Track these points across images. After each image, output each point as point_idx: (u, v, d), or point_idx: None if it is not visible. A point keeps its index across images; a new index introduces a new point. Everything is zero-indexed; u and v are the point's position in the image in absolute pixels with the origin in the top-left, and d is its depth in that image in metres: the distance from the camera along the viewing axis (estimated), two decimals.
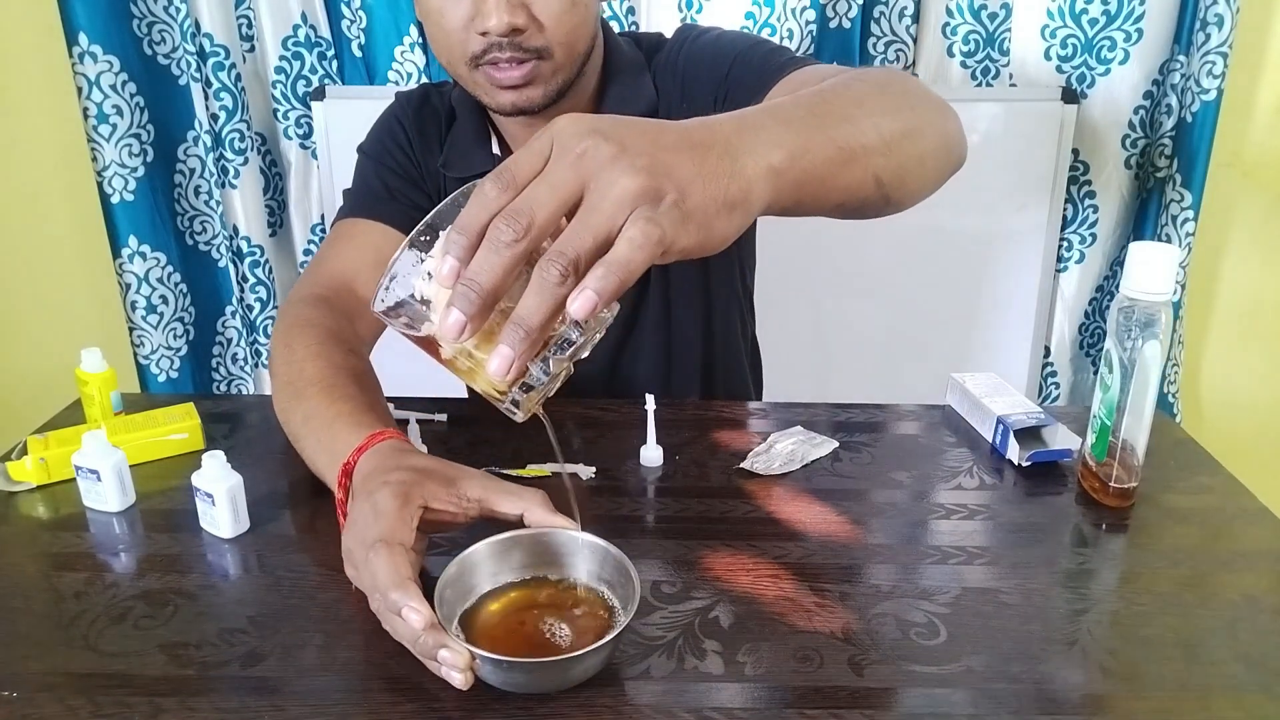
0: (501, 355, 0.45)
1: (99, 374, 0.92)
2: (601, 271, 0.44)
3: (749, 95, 0.87)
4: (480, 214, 0.46)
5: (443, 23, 0.85)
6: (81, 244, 1.75)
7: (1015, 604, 0.66)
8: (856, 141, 0.58)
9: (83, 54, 1.52)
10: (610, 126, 0.47)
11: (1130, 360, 0.73)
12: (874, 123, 0.60)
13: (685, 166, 0.47)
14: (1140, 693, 0.58)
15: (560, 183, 0.46)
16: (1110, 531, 0.76)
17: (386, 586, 0.57)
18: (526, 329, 0.45)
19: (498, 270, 0.45)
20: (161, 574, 0.71)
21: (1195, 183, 1.55)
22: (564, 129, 0.47)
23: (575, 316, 0.44)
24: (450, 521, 0.66)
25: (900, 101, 0.65)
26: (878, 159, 0.59)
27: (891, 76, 0.70)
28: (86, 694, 0.59)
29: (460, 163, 1.00)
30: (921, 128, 0.65)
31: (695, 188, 0.47)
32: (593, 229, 0.45)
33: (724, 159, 0.49)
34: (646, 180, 0.45)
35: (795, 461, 0.85)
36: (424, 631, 0.55)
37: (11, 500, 0.82)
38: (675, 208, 0.46)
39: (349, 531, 0.64)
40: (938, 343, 1.71)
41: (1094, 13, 1.52)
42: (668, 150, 0.47)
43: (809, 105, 0.58)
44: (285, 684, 0.59)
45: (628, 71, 0.97)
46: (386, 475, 0.65)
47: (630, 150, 0.46)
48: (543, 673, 0.57)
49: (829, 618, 0.65)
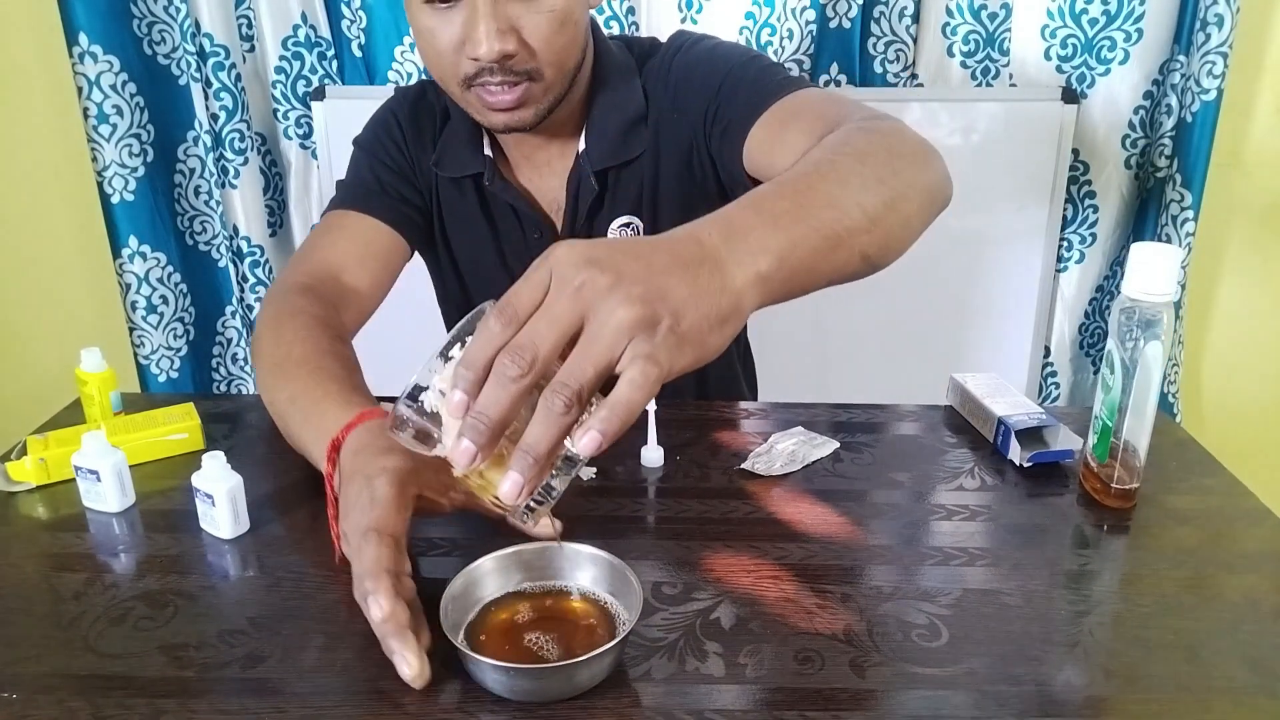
0: (512, 481, 0.48)
1: (99, 374, 0.92)
2: (605, 414, 0.47)
3: (741, 115, 0.87)
4: (486, 349, 0.48)
5: (434, 44, 0.85)
6: (81, 244, 1.75)
7: (1017, 605, 0.66)
8: (842, 226, 0.58)
9: (83, 54, 1.52)
10: (606, 255, 0.49)
11: (1132, 361, 0.73)
12: (857, 202, 0.60)
13: (678, 289, 0.49)
14: (1141, 694, 0.58)
15: (560, 316, 0.47)
16: (1112, 533, 0.76)
17: (363, 575, 0.60)
18: (535, 456, 0.47)
19: (505, 404, 0.47)
20: (161, 575, 0.71)
21: (1195, 183, 1.55)
22: (561, 259, 0.49)
23: (581, 455, 0.47)
24: (435, 509, 0.70)
25: (883, 169, 0.64)
26: (863, 238, 0.59)
27: (874, 137, 0.69)
28: (86, 695, 0.59)
29: (452, 163, 1.00)
30: (905, 193, 0.64)
31: (689, 309, 0.49)
32: (593, 359, 0.47)
33: (714, 275, 0.51)
34: (642, 309, 0.47)
35: (796, 462, 0.85)
36: (382, 623, 0.58)
37: (11, 500, 0.82)
38: (670, 333, 0.48)
39: (344, 514, 0.66)
40: (938, 343, 1.71)
41: (1094, 13, 1.52)
42: (660, 274, 0.49)
43: (793, 194, 0.58)
44: (285, 685, 0.59)
45: (617, 78, 0.97)
46: (383, 460, 0.66)
47: (625, 278, 0.48)
48: (549, 679, 0.57)
49: (830, 619, 0.65)
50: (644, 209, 0.98)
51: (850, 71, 1.59)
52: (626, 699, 0.58)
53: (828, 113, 0.79)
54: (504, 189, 0.99)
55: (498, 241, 1.02)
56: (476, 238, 1.03)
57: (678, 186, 0.97)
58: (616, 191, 0.98)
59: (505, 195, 0.99)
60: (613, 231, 0.99)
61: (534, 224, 1.00)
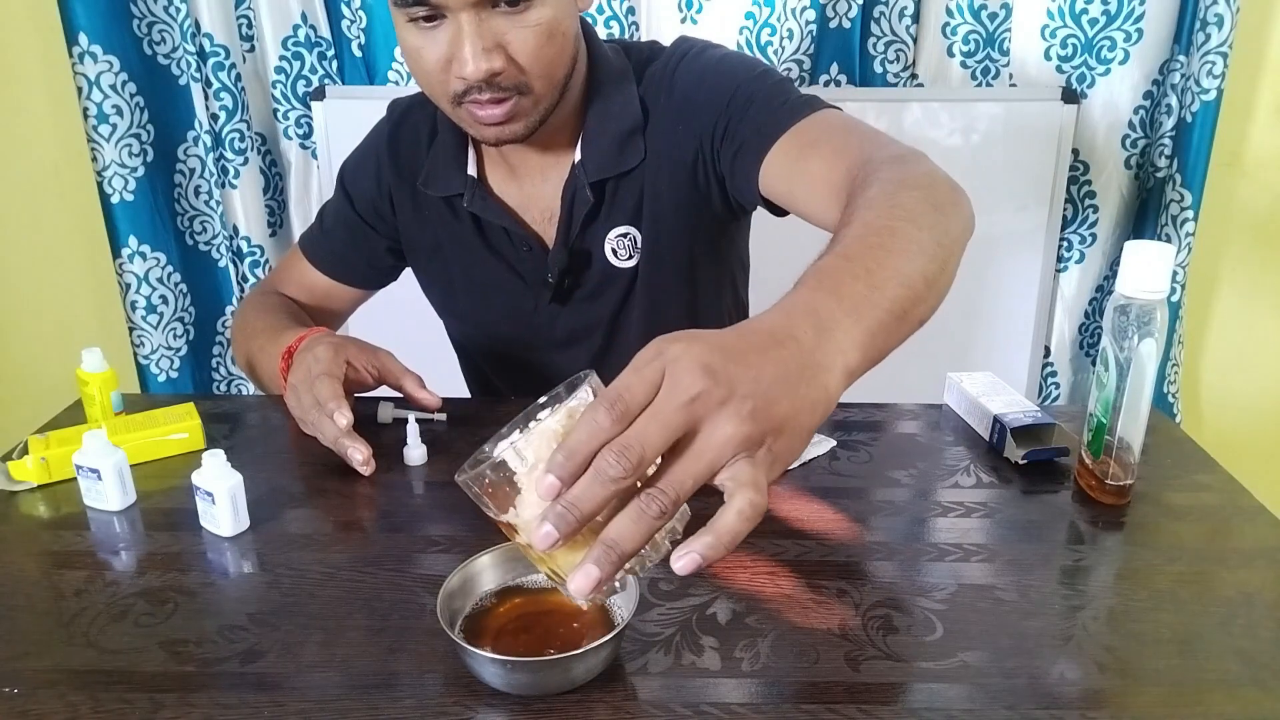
0: (588, 575, 0.47)
1: (99, 374, 0.92)
2: (711, 540, 0.47)
3: (756, 135, 0.87)
4: (591, 442, 0.47)
5: (422, 63, 0.85)
6: (81, 244, 1.76)
7: (1012, 600, 0.67)
8: (909, 301, 0.59)
9: (83, 54, 1.53)
10: (721, 364, 0.48)
11: (1126, 359, 0.74)
12: (921, 274, 0.60)
13: (783, 405, 0.49)
14: (1136, 688, 0.59)
15: (671, 423, 0.47)
16: (1107, 529, 0.76)
17: (326, 399, 0.84)
18: (620, 554, 0.47)
19: (599, 500, 0.47)
20: (162, 572, 0.72)
21: (1195, 183, 1.55)
22: (678, 359, 0.48)
23: (679, 573, 0.47)
24: (359, 380, 0.91)
25: (937, 231, 0.64)
26: (922, 307, 0.60)
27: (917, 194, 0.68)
28: (87, 690, 0.59)
29: (437, 181, 1.00)
30: (952, 250, 0.66)
31: (790, 425, 0.50)
32: (695, 474, 0.47)
33: (813, 383, 0.51)
34: (750, 429, 0.47)
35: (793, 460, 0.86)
36: (345, 428, 0.83)
37: (12, 499, 0.83)
38: (769, 452, 0.49)
39: (293, 378, 0.90)
40: (938, 343, 1.69)
41: (1094, 13, 1.52)
42: (768, 385, 0.49)
43: (865, 274, 0.58)
44: (284, 680, 0.60)
45: (612, 85, 0.95)
46: (320, 339, 0.91)
47: (737, 394, 0.48)
48: (546, 672, 0.57)
49: (826, 614, 0.65)
50: (643, 220, 0.97)
51: (850, 71, 1.59)
52: (623, 692, 0.58)
53: (850, 145, 0.80)
54: (485, 208, 0.99)
55: (491, 253, 1.02)
56: (470, 251, 1.03)
57: (678, 197, 0.96)
58: (614, 202, 0.97)
59: (488, 214, 0.99)
60: (610, 241, 0.98)
61: (522, 239, 0.99)
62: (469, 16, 0.80)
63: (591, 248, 0.99)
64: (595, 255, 0.99)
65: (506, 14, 0.81)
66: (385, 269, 1.13)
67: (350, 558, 0.73)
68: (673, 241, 0.98)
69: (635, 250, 0.98)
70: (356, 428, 0.84)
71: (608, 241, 0.98)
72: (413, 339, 1.08)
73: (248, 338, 1.05)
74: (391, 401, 0.95)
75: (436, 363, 1.04)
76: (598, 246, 0.98)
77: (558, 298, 1.01)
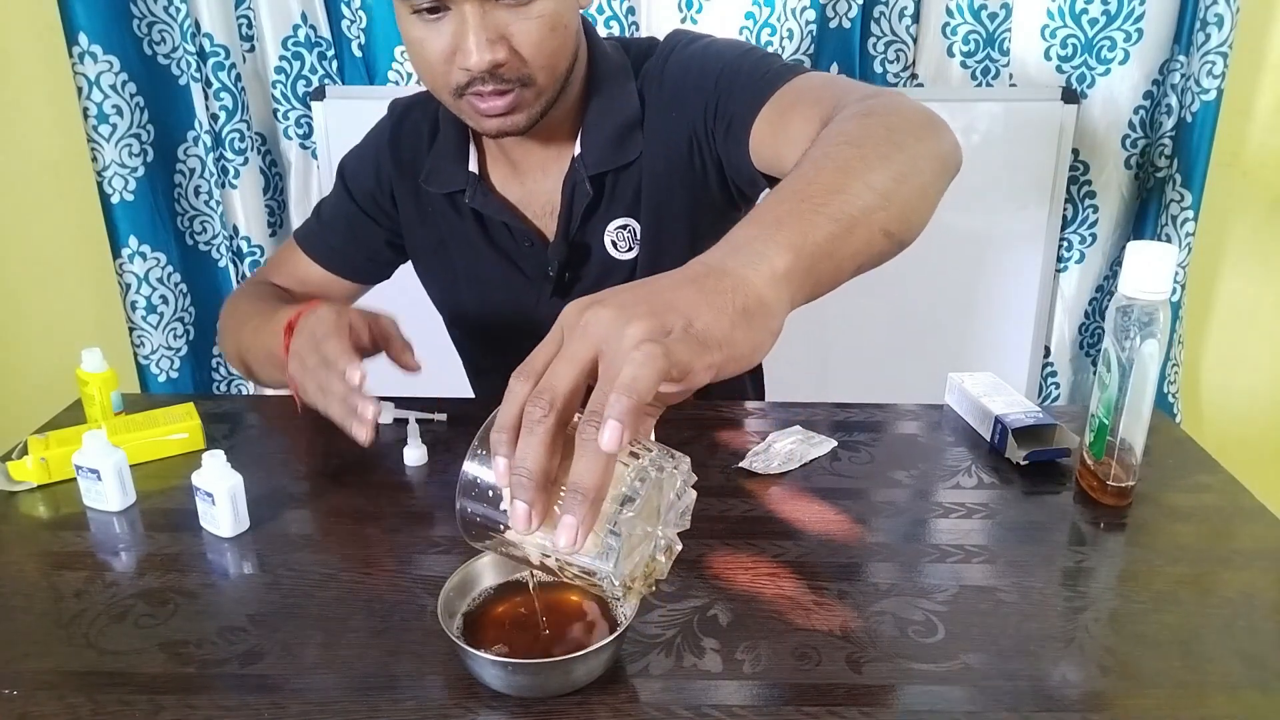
0: (566, 525, 0.46)
1: (99, 374, 0.92)
2: (613, 399, 0.44)
3: (743, 107, 0.87)
4: (512, 409, 0.47)
5: (424, 55, 0.85)
6: (81, 244, 1.75)
7: (1013, 602, 0.67)
8: (854, 207, 0.57)
9: (83, 54, 1.52)
10: (607, 295, 0.49)
11: (1128, 359, 0.74)
12: (864, 183, 0.59)
13: (686, 296, 0.48)
14: (1137, 690, 0.58)
15: (573, 354, 0.47)
16: (1108, 530, 0.76)
17: (336, 356, 0.80)
18: (582, 493, 0.45)
19: (537, 448, 0.46)
20: (161, 573, 0.72)
21: (1195, 183, 1.55)
22: (566, 314, 0.49)
23: (605, 448, 0.44)
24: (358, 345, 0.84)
25: (885, 147, 0.63)
26: (879, 215, 0.59)
27: (869, 120, 0.68)
28: (86, 692, 0.59)
29: (439, 178, 1.01)
30: (913, 163, 0.64)
31: (700, 309, 0.48)
32: (613, 380, 0.45)
33: (724, 279, 0.50)
34: (650, 321, 0.46)
35: (794, 461, 0.86)
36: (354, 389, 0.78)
37: (12, 500, 0.83)
38: (685, 333, 0.47)
39: (295, 344, 0.86)
40: (938, 343, 1.71)
41: (1094, 13, 1.52)
42: (665, 291, 0.48)
43: (791, 196, 0.58)
44: (285, 682, 0.60)
45: (611, 80, 0.96)
46: (322, 306, 0.86)
47: (628, 305, 0.47)
48: (547, 675, 0.57)
49: (827, 616, 0.65)
50: (642, 211, 0.98)
51: (850, 71, 1.59)
52: (624, 695, 0.58)
53: (825, 97, 0.78)
54: (487, 204, 0.99)
55: (492, 249, 1.03)
56: (471, 247, 1.03)
57: (678, 186, 0.97)
58: (613, 194, 0.98)
59: (488, 210, 1.00)
60: (609, 233, 0.98)
61: (524, 235, 1.00)
62: (473, 8, 0.81)
63: (591, 240, 0.99)
64: (595, 248, 0.99)
65: (510, 6, 0.82)
66: (383, 263, 1.13)
67: (350, 559, 0.73)
68: (672, 231, 0.98)
69: (635, 242, 0.98)
70: None
71: (607, 234, 0.98)
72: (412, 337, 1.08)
73: (239, 323, 1.01)
74: (392, 401, 0.95)
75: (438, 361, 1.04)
76: (597, 239, 0.99)
77: (559, 291, 1.02)
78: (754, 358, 0.50)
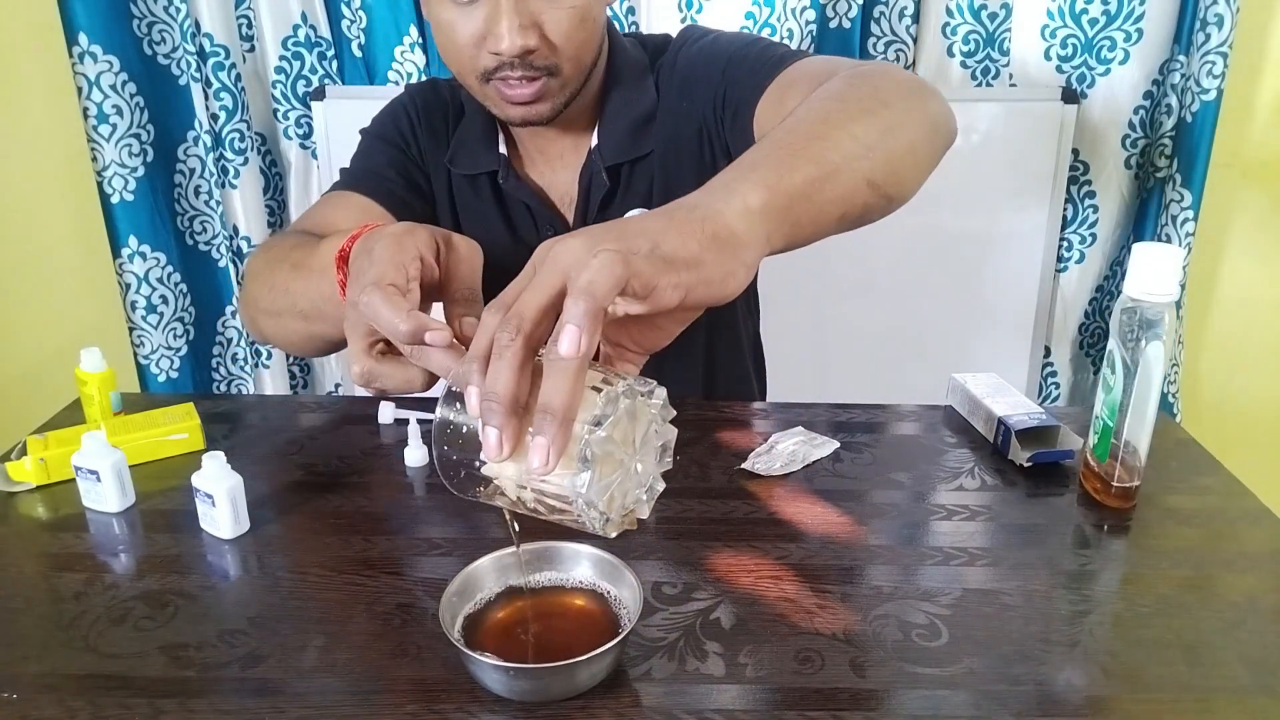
0: (537, 445, 0.45)
1: (99, 374, 0.91)
2: (568, 303, 0.44)
3: (747, 92, 0.88)
4: (483, 339, 0.48)
5: (454, 37, 0.86)
6: (81, 244, 1.75)
7: (1017, 605, 0.66)
8: (835, 154, 0.58)
9: (83, 54, 1.52)
10: (578, 230, 0.49)
11: (1133, 361, 0.73)
12: (847, 132, 0.60)
13: (655, 224, 0.49)
14: (1142, 694, 0.58)
15: (541, 283, 0.47)
16: (1112, 532, 0.76)
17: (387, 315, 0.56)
18: (551, 412, 0.45)
19: (505, 372, 0.46)
20: (161, 575, 0.71)
21: (1195, 183, 1.54)
22: (539, 250, 0.50)
23: (563, 352, 0.44)
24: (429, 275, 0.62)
25: (870, 103, 0.64)
26: (862, 164, 0.59)
27: (857, 80, 0.69)
28: (86, 695, 0.59)
29: (467, 159, 1.02)
30: (900, 119, 0.65)
31: (669, 234, 0.48)
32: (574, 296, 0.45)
33: (694, 210, 0.51)
34: (617, 245, 0.46)
35: (796, 462, 0.85)
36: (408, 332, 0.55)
37: (11, 501, 0.82)
38: (651, 253, 0.47)
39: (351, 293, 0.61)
40: (938, 343, 1.71)
41: (1094, 13, 1.51)
42: (634, 222, 0.49)
43: (773, 141, 0.58)
44: (285, 685, 0.59)
45: (630, 75, 0.99)
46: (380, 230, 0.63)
47: (597, 235, 0.48)
48: (549, 679, 0.57)
49: (830, 619, 0.65)
50: (655, 201, 0.99)
51: None
52: (627, 699, 0.58)
53: (822, 73, 0.79)
54: (517, 186, 1.01)
55: (513, 234, 1.03)
56: (491, 232, 1.04)
57: (691, 177, 0.98)
58: (629, 185, 0.99)
59: (519, 193, 1.01)
60: None
61: (546, 220, 1.01)
62: None
63: None
64: None
65: None
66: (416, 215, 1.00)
67: (351, 560, 0.72)
68: None
69: None
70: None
71: None
72: None
73: (271, 267, 0.84)
74: (393, 402, 0.95)
75: None
76: None
77: None
78: (727, 284, 0.50)
